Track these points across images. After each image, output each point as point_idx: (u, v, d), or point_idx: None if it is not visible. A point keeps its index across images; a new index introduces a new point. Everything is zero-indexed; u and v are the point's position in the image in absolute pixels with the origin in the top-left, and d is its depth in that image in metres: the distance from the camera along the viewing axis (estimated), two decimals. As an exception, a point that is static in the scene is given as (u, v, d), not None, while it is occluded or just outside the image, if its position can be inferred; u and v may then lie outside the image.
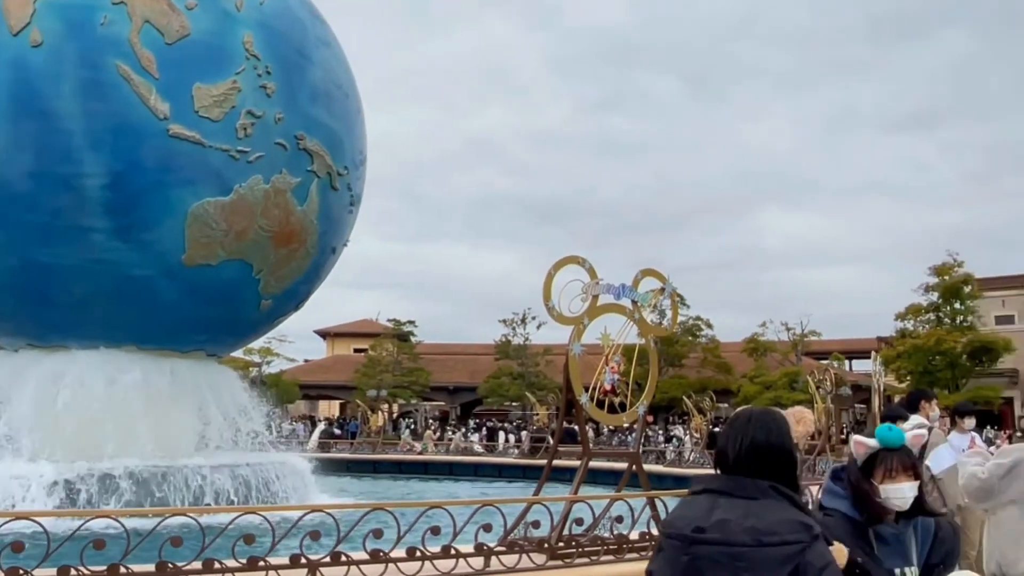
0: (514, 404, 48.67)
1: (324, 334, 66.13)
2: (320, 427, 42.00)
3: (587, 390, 7.98)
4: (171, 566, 5.60)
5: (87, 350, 15.13)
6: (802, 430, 7.20)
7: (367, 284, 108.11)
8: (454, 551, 6.40)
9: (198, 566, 5.64)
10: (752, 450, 2.62)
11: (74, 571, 5.45)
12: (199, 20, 13.97)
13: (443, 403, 56.97)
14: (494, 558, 6.61)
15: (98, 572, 5.47)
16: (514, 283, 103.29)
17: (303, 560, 5.89)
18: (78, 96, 13.26)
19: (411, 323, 53.15)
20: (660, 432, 42.12)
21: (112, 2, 13.45)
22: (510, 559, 6.71)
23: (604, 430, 35.41)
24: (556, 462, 8.83)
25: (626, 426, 26.96)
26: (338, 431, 42.84)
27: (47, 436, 14.60)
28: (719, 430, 3.44)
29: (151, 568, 5.61)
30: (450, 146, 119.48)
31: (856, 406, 48.24)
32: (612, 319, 8.17)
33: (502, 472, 29.74)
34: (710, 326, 49.63)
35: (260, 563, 5.75)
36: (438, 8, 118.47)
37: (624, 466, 9.38)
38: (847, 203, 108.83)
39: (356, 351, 58.78)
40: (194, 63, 13.84)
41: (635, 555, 7.28)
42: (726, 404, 43.16)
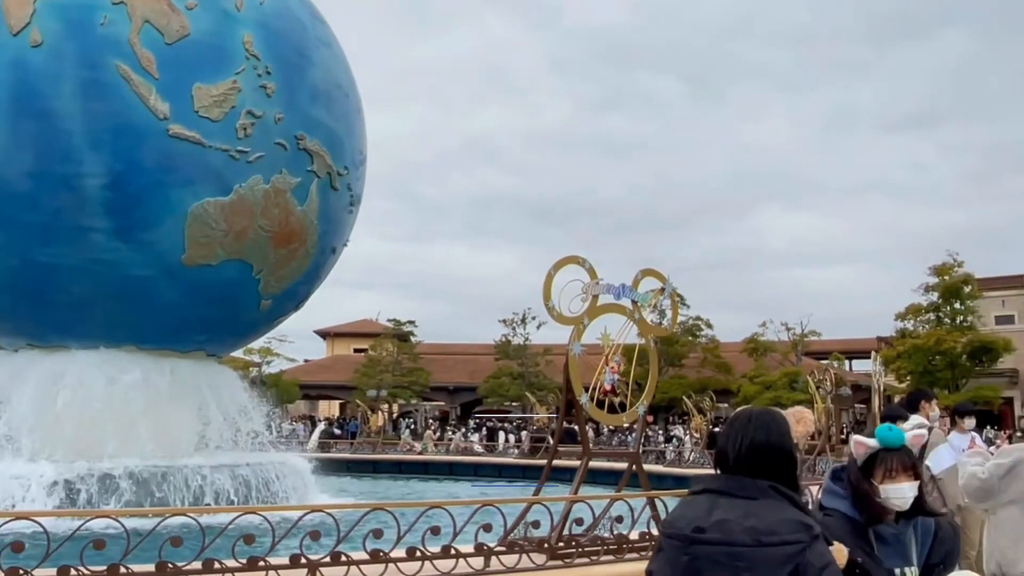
0: (514, 404, 48.68)
1: (324, 334, 66.13)
2: (320, 427, 42.00)
3: (587, 390, 7.98)
4: (171, 566, 5.60)
5: (87, 350, 15.13)
6: (802, 430, 7.20)
7: (367, 284, 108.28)
8: (454, 551, 6.40)
9: (198, 566, 5.64)
10: (752, 450, 2.62)
11: (74, 571, 5.45)
12: (199, 20, 13.96)
13: (443, 403, 56.98)
14: (494, 558, 6.61)
15: (98, 572, 5.46)
16: (514, 283, 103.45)
17: (303, 560, 5.89)
18: (78, 96, 13.25)
19: (411, 323, 53.23)
20: (660, 432, 42.11)
21: (112, 2, 13.44)
22: (510, 559, 6.71)
23: (604, 430, 35.41)
24: (556, 462, 8.84)
25: (626, 426, 26.95)
26: (338, 431, 42.84)
27: (47, 436, 14.59)
28: (719, 430, 3.44)
29: (151, 568, 5.60)
30: (450, 146, 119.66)
31: (856, 406, 48.21)
32: (612, 319, 8.19)
33: (502, 472, 29.76)
34: (710, 326, 49.70)
35: (260, 563, 5.75)
36: (437, 8, 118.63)
37: (624, 466, 9.38)
38: (847, 203, 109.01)
39: (356, 351, 58.79)
40: (194, 63, 13.84)
41: (635, 555, 7.28)
42: (726, 404, 43.17)
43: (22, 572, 5.38)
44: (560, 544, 7.14)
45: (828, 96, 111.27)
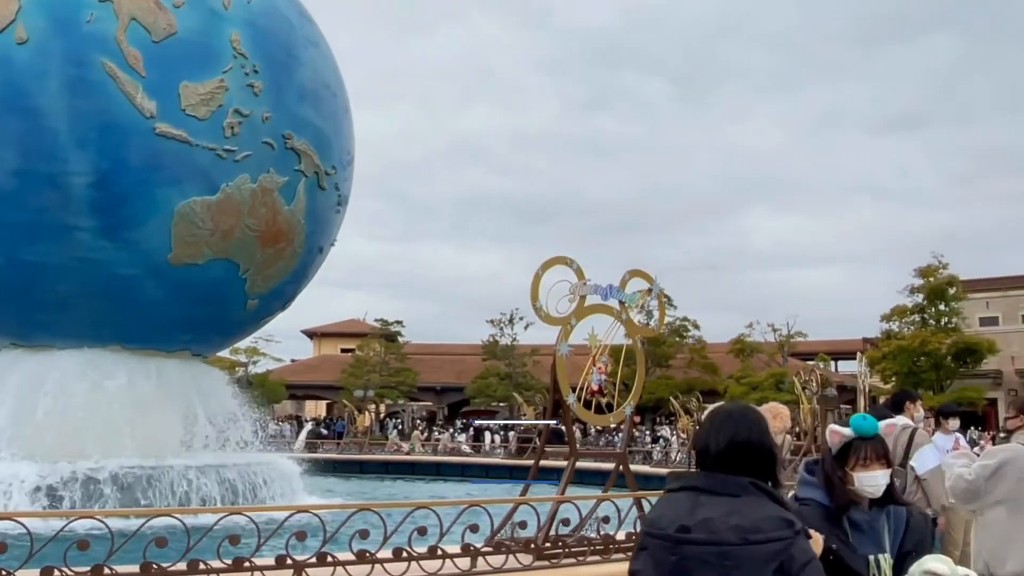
0: (501, 404, 48.66)
1: (311, 334, 65.91)
2: (307, 427, 41.92)
3: (574, 390, 7.99)
4: (156, 567, 5.57)
5: (71, 349, 15.04)
6: (779, 425, 7.27)
7: (354, 284, 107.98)
8: (441, 552, 6.39)
9: (183, 567, 5.61)
10: (732, 447, 2.63)
11: (57, 572, 5.40)
12: (186, 18, 13.90)
13: (430, 403, 56.89)
14: (481, 559, 6.61)
15: (82, 573, 5.42)
16: (501, 283, 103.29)
17: (289, 561, 5.86)
18: (64, 94, 13.17)
19: (398, 323, 53.13)
20: (647, 433, 42.20)
21: (98, -1, 13.38)
22: (497, 560, 6.70)
23: (591, 430, 35.46)
24: (543, 462, 8.85)
25: (613, 427, 26.98)
26: (325, 431, 42.74)
27: (30, 436, 14.45)
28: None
29: (135, 569, 5.57)
30: (437, 146, 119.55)
31: (842, 407, 48.37)
32: (599, 320, 8.20)
33: (489, 472, 29.81)
34: (697, 327, 49.79)
35: (246, 564, 5.73)
36: (426, 8, 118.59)
37: (611, 466, 9.39)
38: (833, 204, 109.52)
39: (343, 351, 58.61)
40: (181, 61, 13.78)
41: (622, 555, 7.27)
42: (712, 405, 43.23)
43: (4, 573, 5.34)
44: (547, 544, 7.14)
45: (815, 98, 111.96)
